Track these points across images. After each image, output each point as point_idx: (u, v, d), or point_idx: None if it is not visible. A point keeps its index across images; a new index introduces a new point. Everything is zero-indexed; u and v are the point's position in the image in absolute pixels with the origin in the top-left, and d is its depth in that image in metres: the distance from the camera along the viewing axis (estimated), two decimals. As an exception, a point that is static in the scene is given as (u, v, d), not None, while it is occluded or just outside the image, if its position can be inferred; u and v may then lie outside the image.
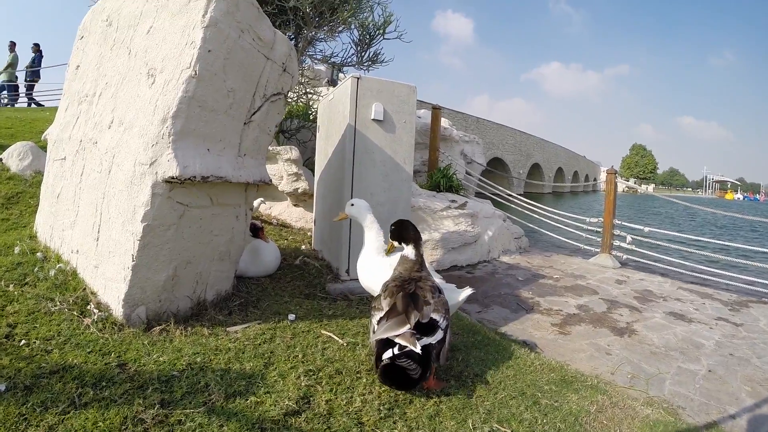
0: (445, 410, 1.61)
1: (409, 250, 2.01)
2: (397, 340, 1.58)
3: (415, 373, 1.57)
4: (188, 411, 1.35)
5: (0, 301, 1.92)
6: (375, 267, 2.27)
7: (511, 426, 1.58)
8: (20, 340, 1.65)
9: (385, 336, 1.61)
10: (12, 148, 4.18)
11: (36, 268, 2.26)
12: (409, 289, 1.78)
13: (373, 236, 2.35)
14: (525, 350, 2.43)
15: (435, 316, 1.71)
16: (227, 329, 2.02)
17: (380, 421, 1.48)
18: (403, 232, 2.05)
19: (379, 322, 1.71)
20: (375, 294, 2.24)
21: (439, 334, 1.68)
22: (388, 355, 1.57)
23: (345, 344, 2.01)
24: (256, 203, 3.83)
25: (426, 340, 1.62)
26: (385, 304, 1.76)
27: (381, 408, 1.54)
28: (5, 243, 2.63)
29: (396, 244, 2.11)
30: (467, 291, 2.17)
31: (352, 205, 2.43)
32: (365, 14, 4.68)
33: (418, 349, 1.55)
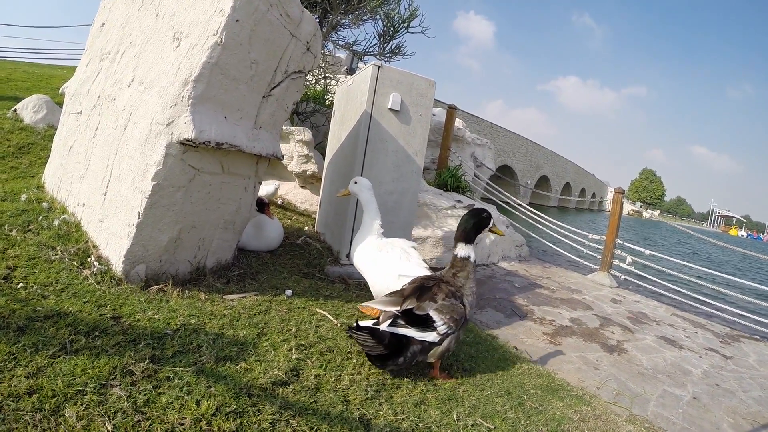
0: (431, 399, 1.62)
1: (458, 249, 1.92)
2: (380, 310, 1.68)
3: (372, 350, 1.62)
4: (178, 369, 1.35)
5: (2, 244, 1.94)
6: (366, 247, 2.32)
7: (494, 422, 1.59)
8: (18, 283, 1.66)
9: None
10: (27, 100, 4.21)
11: (40, 217, 2.27)
12: (428, 284, 1.77)
13: (370, 218, 2.40)
14: (515, 354, 2.45)
15: (435, 315, 1.67)
16: (224, 296, 2.03)
17: (366, 401, 1.48)
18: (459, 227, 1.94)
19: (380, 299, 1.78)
20: (364, 274, 2.33)
21: (431, 335, 1.66)
22: (354, 324, 1.66)
23: (339, 324, 2.02)
24: (272, 189, 3.82)
25: (406, 331, 1.63)
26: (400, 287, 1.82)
27: (368, 389, 1.55)
28: (12, 190, 2.65)
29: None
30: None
31: (356, 182, 2.48)
32: (392, 6, 4.67)
33: (383, 327, 1.62)
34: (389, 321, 1.63)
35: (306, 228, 3.83)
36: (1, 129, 3.71)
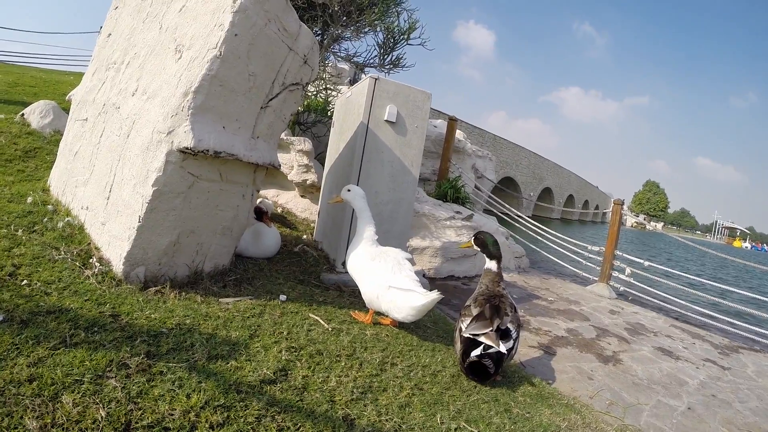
0: (416, 402, 1.66)
1: (492, 264, 2.38)
2: (481, 339, 1.99)
3: (492, 369, 1.96)
4: (171, 365, 1.41)
5: (8, 243, 2.01)
6: (359, 255, 2.38)
7: (478, 427, 1.62)
8: (22, 280, 1.73)
9: (473, 332, 2.02)
10: (34, 105, 4.31)
11: (45, 219, 2.35)
12: (494, 302, 2.18)
13: (364, 225, 2.45)
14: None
15: (510, 326, 2.11)
16: (220, 299, 2.08)
17: (352, 402, 1.53)
18: (490, 247, 2.41)
19: (468, 324, 2.10)
20: (357, 281, 2.41)
21: (510, 343, 2.07)
22: (476, 353, 1.96)
23: (330, 329, 2.07)
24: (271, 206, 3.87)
25: (503, 344, 1.99)
26: (475, 311, 2.16)
27: (354, 390, 1.59)
28: (19, 192, 2.73)
29: (475, 248, 2.48)
30: (434, 294, 2.13)
31: (349, 190, 2.54)
32: (391, 18, 4.77)
33: (502, 349, 1.96)
34: (499, 342, 1.98)
35: (305, 236, 3.89)
36: (8, 133, 3.81)
